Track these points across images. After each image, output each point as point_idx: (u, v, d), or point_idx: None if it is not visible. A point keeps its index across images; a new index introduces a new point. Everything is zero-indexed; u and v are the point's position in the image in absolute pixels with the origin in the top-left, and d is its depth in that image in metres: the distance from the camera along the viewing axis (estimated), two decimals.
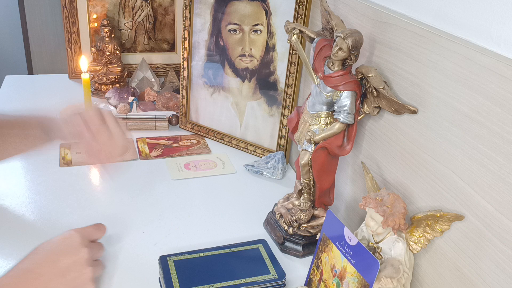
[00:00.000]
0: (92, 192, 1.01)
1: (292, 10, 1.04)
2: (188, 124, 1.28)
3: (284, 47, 1.09)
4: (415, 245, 0.69)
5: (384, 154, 0.80)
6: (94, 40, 1.49)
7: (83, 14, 1.46)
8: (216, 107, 1.23)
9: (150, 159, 1.15)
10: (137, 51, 1.55)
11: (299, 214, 0.87)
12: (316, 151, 0.80)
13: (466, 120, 0.61)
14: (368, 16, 0.81)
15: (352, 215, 0.92)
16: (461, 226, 0.63)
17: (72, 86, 1.50)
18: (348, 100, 0.76)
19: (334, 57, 0.74)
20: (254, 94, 1.16)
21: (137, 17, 1.51)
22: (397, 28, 0.73)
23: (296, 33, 0.81)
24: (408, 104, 0.71)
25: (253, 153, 1.19)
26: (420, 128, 0.70)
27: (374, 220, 0.67)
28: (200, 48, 1.21)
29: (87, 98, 1.27)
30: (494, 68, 0.55)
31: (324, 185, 0.84)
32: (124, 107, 1.32)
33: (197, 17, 1.19)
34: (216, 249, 0.81)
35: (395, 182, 0.77)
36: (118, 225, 0.91)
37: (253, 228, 0.93)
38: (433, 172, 0.68)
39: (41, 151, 1.13)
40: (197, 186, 1.06)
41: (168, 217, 0.94)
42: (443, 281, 0.67)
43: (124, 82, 1.48)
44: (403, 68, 0.73)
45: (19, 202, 0.94)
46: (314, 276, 0.75)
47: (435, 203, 0.67)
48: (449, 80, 0.63)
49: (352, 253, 0.66)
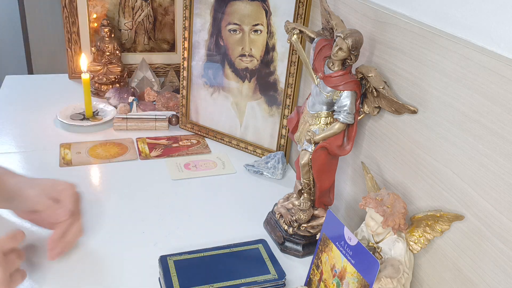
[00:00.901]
0: (92, 192, 1.01)
1: (292, 10, 1.04)
2: (188, 124, 1.28)
3: (284, 47, 1.09)
4: (415, 245, 0.69)
5: (384, 154, 0.80)
6: (94, 40, 1.49)
7: (83, 14, 1.46)
8: (216, 107, 1.23)
9: (150, 159, 1.15)
10: (137, 51, 1.55)
11: (299, 214, 0.87)
12: (316, 151, 0.80)
13: (466, 120, 0.61)
14: (368, 16, 0.81)
15: (352, 215, 0.92)
16: (461, 226, 0.63)
17: (72, 86, 1.50)
18: (348, 100, 0.76)
19: (334, 57, 0.74)
20: (254, 94, 1.16)
21: (137, 17, 1.51)
22: (397, 28, 0.73)
23: (296, 33, 0.81)
24: (408, 104, 0.71)
25: (253, 153, 1.19)
26: (420, 128, 0.70)
27: (374, 220, 0.67)
28: (200, 48, 1.21)
29: (87, 98, 1.27)
30: (494, 68, 0.55)
31: (324, 185, 0.84)
32: (124, 107, 1.32)
33: (197, 17, 1.19)
34: (216, 249, 0.81)
35: (395, 182, 0.77)
36: (118, 225, 0.91)
37: (253, 228, 0.93)
38: (433, 172, 0.68)
39: (41, 151, 1.13)
40: (197, 186, 1.06)
41: (168, 217, 0.94)
42: (443, 281, 0.67)
43: (124, 82, 1.48)
44: (403, 68, 0.73)
45: None
46: (314, 276, 0.75)
47: (435, 203, 0.67)
48: (449, 80, 0.63)
49: (352, 253, 0.66)
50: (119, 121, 1.26)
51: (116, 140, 1.21)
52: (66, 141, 1.19)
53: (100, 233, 0.88)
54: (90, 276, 0.78)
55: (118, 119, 1.26)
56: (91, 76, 1.43)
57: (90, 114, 1.29)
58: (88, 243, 0.85)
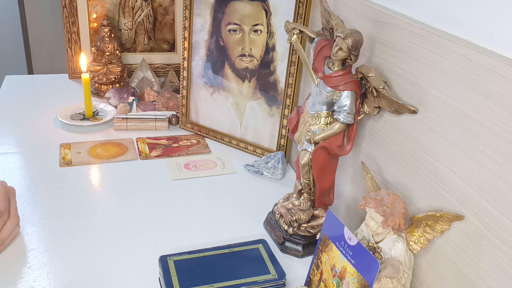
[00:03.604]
0: (92, 192, 1.01)
1: (292, 10, 1.04)
2: (188, 124, 1.28)
3: (284, 47, 1.09)
4: (415, 245, 0.69)
5: (384, 154, 0.80)
6: (94, 40, 1.49)
7: (83, 14, 1.46)
8: (216, 107, 1.23)
9: (150, 159, 1.15)
10: (137, 51, 1.55)
11: (299, 214, 0.87)
12: (316, 151, 0.80)
13: (466, 120, 0.61)
14: (368, 16, 0.81)
15: (352, 215, 0.92)
16: (461, 226, 0.63)
17: (72, 86, 1.50)
18: (348, 100, 0.76)
19: (334, 57, 0.74)
20: (254, 94, 1.16)
21: (137, 17, 1.51)
22: (397, 28, 0.73)
23: (296, 33, 0.81)
24: (408, 104, 0.71)
25: (253, 153, 1.19)
26: (420, 128, 0.70)
27: (374, 220, 0.67)
28: (200, 48, 1.21)
29: (87, 98, 1.27)
30: (494, 68, 0.55)
31: (324, 185, 0.84)
32: (124, 107, 1.32)
33: (197, 17, 1.19)
34: (216, 249, 0.81)
35: (395, 182, 0.77)
36: (118, 225, 0.91)
37: (253, 228, 0.93)
38: (433, 172, 0.68)
39: (41, 151, 1.13)
40: (197, 186, 1.06)
41: (168, 217, 0.94)
42: (443, 281, 0.67)
43: (124, 82, 1.48)
44: (403, 68, 0.73)
45: (19, 202, 0.94)
46: (314, 276, 0.75)
47: (435, 203, 0.67)
48: (449, 80, 0.63)
49: (352, 253, 0.66)
50: (119, 121, 1.26)
51: (116, 140, 1.21)
52: (66, 141, 1.19)
53: (100, 233, 0.88)
54: (90, 276, 0.78)
55: (118, 119, 1.26)
56: (91, 76, 1.43)
57: (90, 114, 1.29)
58: (88, 243, 0.85)
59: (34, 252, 0.82)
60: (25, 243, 0.84)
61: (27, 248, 0.83)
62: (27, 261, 0.80)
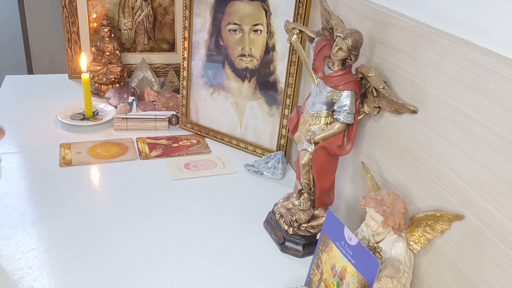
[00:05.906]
0: (92, 192, 1.01)
1: (292, 10, 1.04)
2: (188, 124, 1.28)
3: (284, 47, 1.09)
4: (415, 245, 0.69)
5: (384, 154, 0.80)
6: (94, 40, 1.49)
7: (83, 14, 1.46)
8: (216, 107, 1.23)
9: (150, 159, 1.15)
10: (137, 51, 1.55)
11: (299, 214, 0.87)
12: (316, 151, 0.80)
13: (466, 120, 0.61)
14: (368, 16, 0.81)
15: (352, 215, 0.92)
16: (461, 226, 0.63)
17: (72, 86, 1.50)
18: (348, 100, 0.76)
19: (334, 57, 0.74)
20: (254, 94, 1.16)
21: (137, 17, 1.51)
22: (397, 28, 0.73)
23: (296, 33, 0.81)
24: (408, 104, 0.71)
25: (253, 153, 1.19)
26: (420, 128, 0.70)
27: (374, 220, 0.67)
28: (200, 48, 1.21)
29: (87, 98, 1.27)
30: (494, 68, 0.55)
31: (324, 185, 0.84)
32: (124, 107, 1.32)
33: (197, 17, 1.19)
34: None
35: (395, 182, 0.77)
36: (118, 225, 0.91)
37: (253, 228, 0.93)
38: (433, 172, 0.68)
39: (41, 151, 1.13)
40: (197, 186, 1.06)
41: (168, 217, 0.94)
42: (443, 280, 0.67)
43: (124, 82, 1.48)
44: (403, 68, 0.73)
45: (19, 202, 0.94)
46: (314, 276, 0.75)
47: (435, 203, 0.67)
48: (449, 80, 0.63)
49: (352, 253, 0.66)
50: (119, 121, 1.26)
51: (116, 140, 1.21)
52: (66, 141, 1.19)
53: (100, 233, 0.88)
54: (90, 276, 0.78)
55: (118, 119, 1.26)
56: (91, 76, 1.43)
57: (90, 114, 1.29)
58: (88, 243, 0.85)
59: (34, 252, 0.82)
60: (25, 243, 0.84)
61: (27, 248, 0.83)
62: (27, 261, 0.80)
